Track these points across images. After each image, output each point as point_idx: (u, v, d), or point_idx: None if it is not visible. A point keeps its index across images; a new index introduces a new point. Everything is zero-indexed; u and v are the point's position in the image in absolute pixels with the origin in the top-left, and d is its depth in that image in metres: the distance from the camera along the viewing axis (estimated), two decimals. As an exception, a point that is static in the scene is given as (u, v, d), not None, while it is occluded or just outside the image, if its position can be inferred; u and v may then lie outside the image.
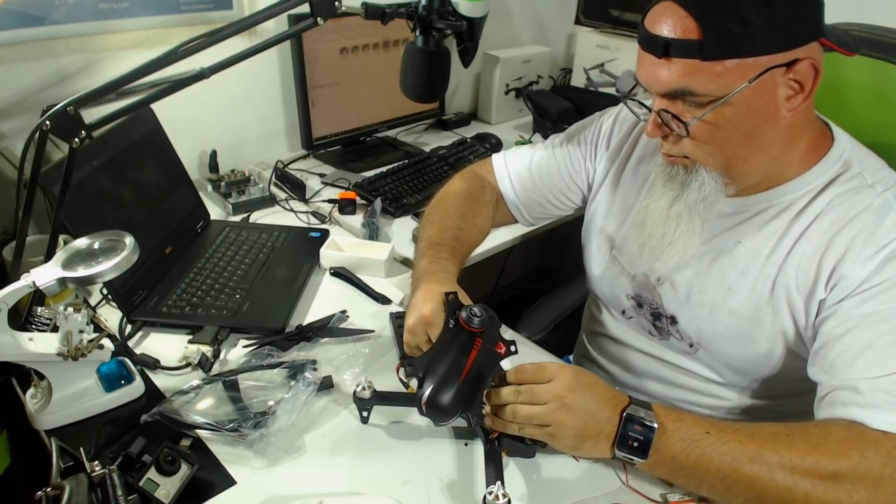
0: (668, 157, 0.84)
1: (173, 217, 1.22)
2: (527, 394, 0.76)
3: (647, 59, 0.76)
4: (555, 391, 0.75)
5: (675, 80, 0.74)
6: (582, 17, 2.17)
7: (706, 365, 0.96)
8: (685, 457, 0.72)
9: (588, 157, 1.08)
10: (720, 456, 0.71)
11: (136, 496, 0.71)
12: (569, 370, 0.77)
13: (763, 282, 0.85)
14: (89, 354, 0.82)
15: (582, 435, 0.75)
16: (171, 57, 0.80)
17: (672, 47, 0.72)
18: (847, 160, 0.83)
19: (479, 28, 0.92)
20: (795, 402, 0.94)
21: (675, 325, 0.96)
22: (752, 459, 0.70)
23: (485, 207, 1.12)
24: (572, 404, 0.74)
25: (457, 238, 1.03)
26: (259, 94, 1.61)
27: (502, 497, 0.68)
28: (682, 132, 0.77)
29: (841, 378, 0.74)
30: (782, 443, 0.70)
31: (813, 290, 0.81)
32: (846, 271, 0.78)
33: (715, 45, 0.70)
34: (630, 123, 1.04)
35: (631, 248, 0.97)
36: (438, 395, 0.74)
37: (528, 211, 1.14)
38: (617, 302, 1.05)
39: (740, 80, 0.72)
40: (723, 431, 0.72)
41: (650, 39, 0.75)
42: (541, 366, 0.78)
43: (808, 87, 0.74)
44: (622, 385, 1.07)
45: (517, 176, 1.13)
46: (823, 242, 0.81)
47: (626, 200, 1.01)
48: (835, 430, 0.71)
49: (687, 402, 1.01)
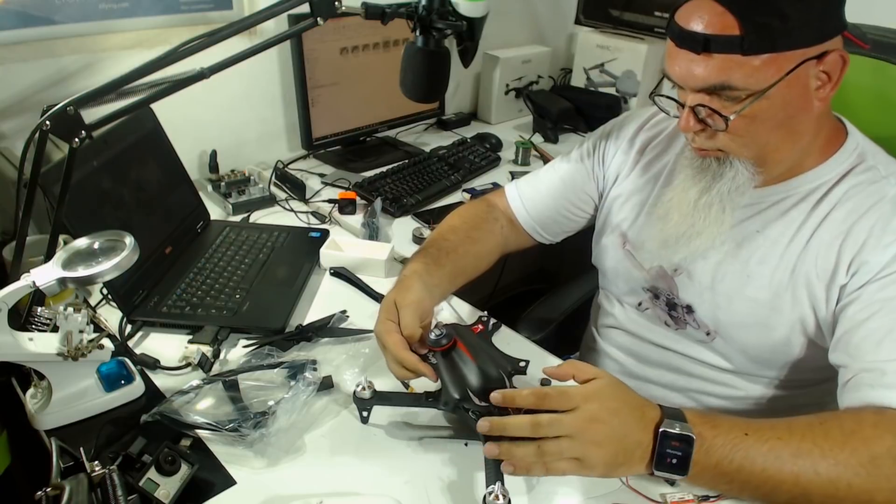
0: (701, 150, 0.85)
1: (173, 217, 1.22)
2: (549, 427, 0.70)
3: (683, 56, 0.77)
4: (582, 423, 0.69)
5: (714, 76, 0.75)
6: (582, 17, 2.17)
7: (722, 354, 0.96)
8: (728, 462, 0.69)
9: (597, 164, 1.10)
10: (763, 456, 0.69)
11: (136, 496, 0.70)
12: (594, 395, 0.71)
13: (782, 269, 0.87)
14: (89, 354, 0.82)
15: (613, 463, 0.70)
16: (171, 57, 0.80)
17: (712, 42, 0.73)
18: (861, 153, 0.86)
19: (479, 28, 0.92)
20: (809, 393, 0.95)
21: (691, 314, 0.97)
22: (794, 455, 0.69)
23: (487, 224, 1.12)
24: (602, 436, 0.69)
25: (445, 249, 1.02)
26: (259, 94, 1.61)
27: (502, 497, 0.68)
28: (721, 126, 0.79)
29: (865, 361, 0.75)
30: (819, 433, 0.70)
31: (833, 276, 0.83)
32: (867, 257, 0.80)
33: (755, 40, 0.72)
34: (635, 125, 1.06)
35: (648, 242, 0.98)
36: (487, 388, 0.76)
37: (545, 229, 1.15)
38: (632, 295, 1.05)
39: (777, 73, 0.74)
40: (760, 430, 0.71)
41: (687, 36, 0.75)
42: (564, 392, 0.71)
43: (835, 77, 0.77)
44: (634, 376, 1.07)
45: (528, 198, 1.14)
46: (843, 231, 0.83)
47: (639, 197, 1.02)
48: (866, 415, 0.71)
49: (700, 391, 1.01)
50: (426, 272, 0.94)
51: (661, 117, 1.05)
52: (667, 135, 1.03)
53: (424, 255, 0.99)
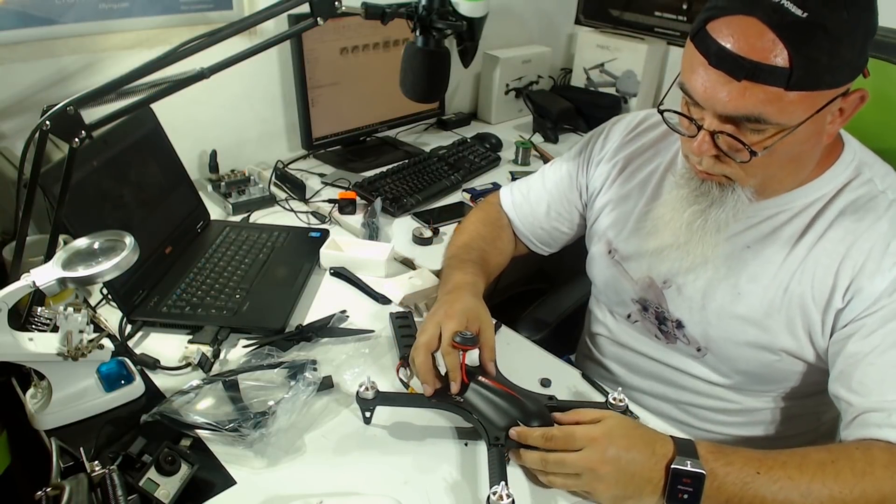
0: (706, 174, 0.79)
1: (173, 217, 1.22)
2: (555, 466, 0.73)
3: (715, 76, 0.70)
4: (586, 463, 0.72)
5: (750, 106, 0.69)
6: (582, 17, 2.18)
7: (713, 369, 0.95)
8: (738, 500, 0.70)
9: (581, 174, 1.09)
10: (773, 496, 0.70)
11: (136, 496, 0.70)
12: (600, 435, 0.73)
13: (775, 288, 0.84)
14: (89, 354, 0.82)
15: (622, 497, 0.72)
16: (171, 57, 0.80)
17: (759, 72, 0.67)
18: (858, 165, 0.83)
19: (479, 28, 0.92)
20: (803, 404, 0.94)
21: (681, 328, 0.95)
22: (804, 496, 0.69)
23: (504, 231, 1.15)
24: (606, 475, 0.71)
25: (482, 258, 1.06)
26: (259, 94, 1.61)
27: (506, 497, 0.68)
28: (745, 159, 0.73)
29: (871, 400, 0.74)
30: (829, 473, 0.70)
31: (830, 301, 0.81)
32: (864, 283, 0.78)
33: (802, 76, 0.66)
34: (622, 131, 1.04)
35: (636, 253, 0.97)
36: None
37: (540, 241, 1.16)
38: (622, 306, 1.04)
39: (808, 110, 0.70)
40: (772, 469, 0.71)
41: (728, 57, 0.68)
42: (570, 433, 0.74)
43: (848, 114, 0.75)
44: (627, 386, 1.06)
45: (519, 208, 1.15)
46: (840, 252, 0.80)
47: (626, 207, 1.01)
48: (877, 454, 0.71)
49: (692, 404, 1.00)
50: (474, 284, 0.97)
51: (647, 125, 1.02)
52: (653, 140, 1.00)
53: (468, 265, 1.02)
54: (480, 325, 0.87)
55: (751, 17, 0.67)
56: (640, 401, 1.04)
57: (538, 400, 0.84)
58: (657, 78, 2.08)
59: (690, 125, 0.77)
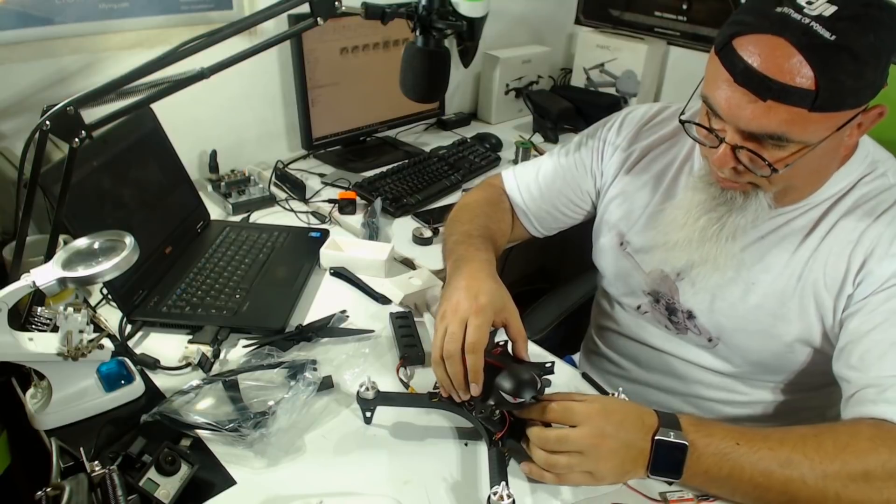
0: (730, 182, 0.80)
1: (173, 217, 1.22)
2: (557, 443, 0.74)
3: (739, 93, 0.70)
4: (589, 440, 0.72)
5: (773, 125, 0.70)
6: (582, 17, 2.18)
7: (724, 359, 0.96)
8: (718, 470, 0.72)
9: (595, 160, 1.08)
10: (752, 465, 0.71)
11: (136, 496, 0.70)
12: (597, 412, 0.74)
13: (788, 277, 0.86)
14: (89, 354, 0.82)
15: (621, 472, 0.74)
16: (171, 57, 0.80)
17: (785, 93, 0.67)
18: (872, 161, 0.85)
19: (479, 28, 0.92)
20: (811, 397, 0.95)
21: (692, 319, 0.96)
22: (782, 465, 0.70)
23: (507, 214, 1.14)
24: (608, 450, 0.73)
25: (488, 235, 1.04)
26: (259, 94, 1.61)
27: (507, 497, 0.68)
28: (766, 173, 0.75)
29: (869, 375, 0.75)
30: (811, 445, 0.71)
31: (842, 286, 0.82)
32: (873, 267, 0.79)
33: (827, 98, 0.67)
34: (638, 121, 1.04)
35: (649, 246, 0.97)
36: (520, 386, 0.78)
37: (539, 222, 1.14)
38: (632, 297, 1.04)
39: (830, 129, 0.71)
40: (752, 441, 0.72)
41: (754, 76, 0.69)
42: (567, 406, 0.75)
43: (865, 128, 0.76)
44: (634, 380, 1.07)
45: (526, 187, 1.14)
46: (852, 239, 0.81)
47: (639, 199, 1.01)
48: (863, 428, 0.72)
49: (699, 396, 1.01)
50: (489, 261, 0.94)
51: (663, 116, 1.02)
52: (670, 133, 1.00)
53: (479, 241, 0.99)
54: (507, 317, 0.85)
55: (779, 37, 0.67)
56: (647, 395, 1.04)
57: (528, 369, 0.82)
58: (657, 78, 2.08)
59: (711, 136, 0.78)
